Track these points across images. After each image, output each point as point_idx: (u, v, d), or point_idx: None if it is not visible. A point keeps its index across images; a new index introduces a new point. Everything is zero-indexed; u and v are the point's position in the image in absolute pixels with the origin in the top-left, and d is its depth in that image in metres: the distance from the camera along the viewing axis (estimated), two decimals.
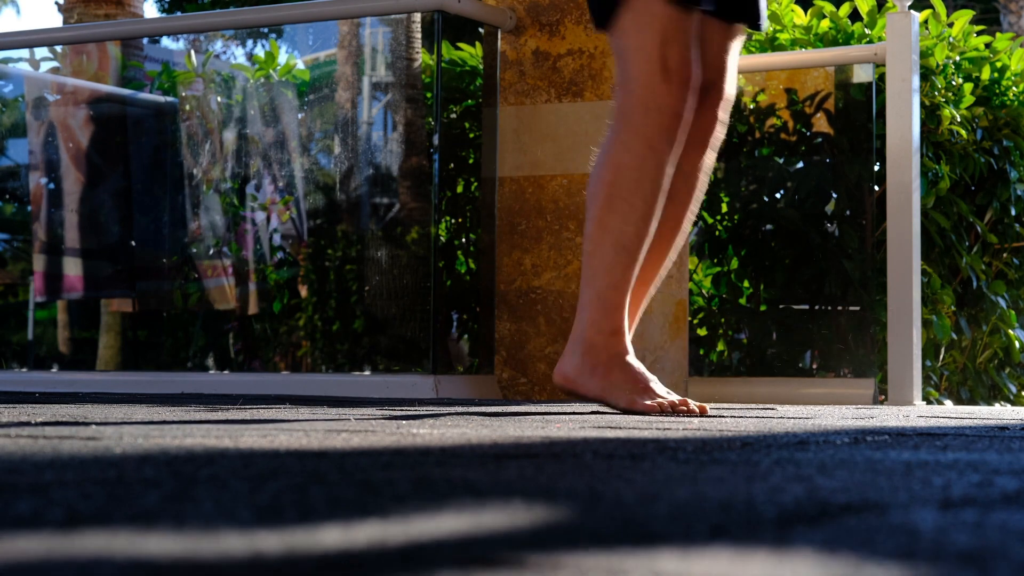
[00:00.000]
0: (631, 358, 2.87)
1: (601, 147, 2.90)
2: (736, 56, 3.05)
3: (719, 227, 4.96)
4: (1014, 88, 4.98)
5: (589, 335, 2.85)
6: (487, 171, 4.51)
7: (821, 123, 4.85)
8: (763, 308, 4.92)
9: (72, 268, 5.73)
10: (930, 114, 4.73)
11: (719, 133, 3.02)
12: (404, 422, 2.20)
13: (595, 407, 3.19)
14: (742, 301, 4.95)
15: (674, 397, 2.85)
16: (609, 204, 2.82)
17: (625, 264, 2.82)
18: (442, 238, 4.80)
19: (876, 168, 4.62)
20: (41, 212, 5.79)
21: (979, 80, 4.93)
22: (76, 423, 2.05)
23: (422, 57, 5.20)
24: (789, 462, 1.47)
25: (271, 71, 5.40)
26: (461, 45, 5.05)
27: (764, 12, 3.02)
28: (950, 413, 3.26)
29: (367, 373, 5.09)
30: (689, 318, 4.78)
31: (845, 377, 4.75)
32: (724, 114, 3.02)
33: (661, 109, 2.82)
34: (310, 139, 5.39)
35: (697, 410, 2.80)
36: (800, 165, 4.92)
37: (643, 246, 2.84)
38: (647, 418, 2.57)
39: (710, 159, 3.03)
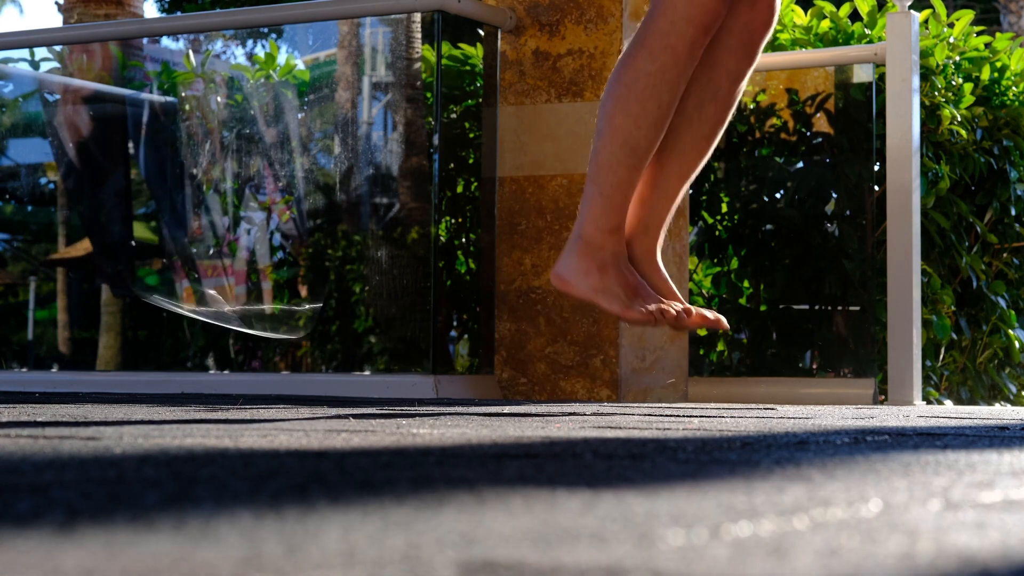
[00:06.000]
0: (626, 262, 2.83)
1: (627, 46, 2.87)
2: None
3: (719, 227, 4.96)
4: (1014, 88, 4.99)
5: (587, 231, 2.82)
6: (487, 171, 4.51)
7: (821, 123, 4.85)
8: (763, 308, 4.92)
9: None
10: (930, 114, 4.73)
11: (768, 34, 2.99)
12: (404, 422, 2.20)
13: (596, 408, 3.19)
14: (742, 301, 4.95)
15: (669, 304, 2.80)
16: (624, 105, 2.81)
17: (631, 165, 2.81)
18: (442, 238, 4.80)
19: (876, 168, 4.62)
20: (67, 208, 5.81)
21: (979, 80, 4.93)
22: (76, 423, 2.05)
23: (422, 56, 5.20)
24: (789, 462, 1.47)
25: (271, 71, 5.40)
26: (461, 45, 5.05)
27: None
28: (950, 413, 3.26)
29: (367, 373, 5.09)
30: None
31: (845, 377, 4.75)
32: (775, 14, 3.00)
33: (691, 20, 2.79)
34: (310, 139, 5.39)
35: (683, 314, 2.73)
36: (800, 165, 4.92)
37: (650, 151, 2.82)
38: (647, 418, 2.57)
39: (754, 65, 3.01)
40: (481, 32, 4.61)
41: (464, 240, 4.97)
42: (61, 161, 5.69)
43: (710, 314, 2.78)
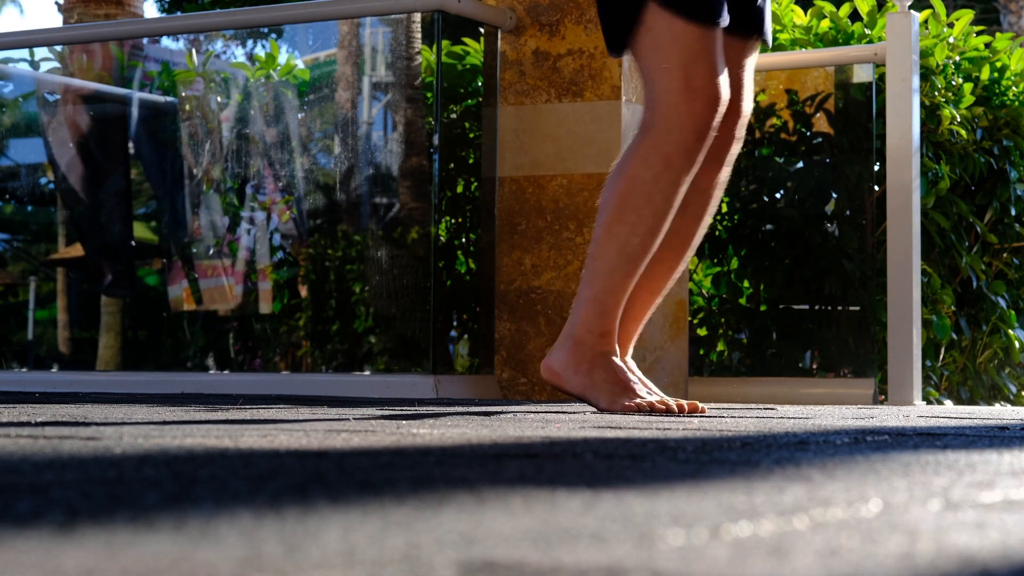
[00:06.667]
0: (616, 359, 2.92)
1: (621, 157, 2.93)
2: (752, 71, 3.07)
3: (719, 227, 4.96)
4: (1014, 88, 4.98)
5: (579, 333, 2.92)
6: (487, 171, 4.51)
7: (821, 123, 4.85)
8: (763, 308, 4.92)
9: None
10: (930, 114, 4.73)
11: (735, 150, 3.04)
12: (404, 422, 2.20)
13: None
14: (742, 301, 4.95)
15: (654, 397, 2.89)
16: (620, 213, 2.87)
17: (626, 272, 2.89)
18: (442, 238, 4.80)
19: (876, 168, 4.62)
20: (68, 208, 5.81)
21: (979, 80, 4.93)
22: (76, 423, 2.05)
23: (422, 56, 5.20)
24: (789, 462, 1.47)
25: (271, 71, 5.40)
26: (466, 40, 5.04)
27: (769, 27, 3.06)
28: (950, 413, 3.26)
29: (367, 373, 5.09)
30: (689, 318, 4.78)
31: (845, 377, 4.75)
32: (741, 131, 3.05)
33: (683, 127, 2.83)
34: (310, 139, 5.39)
35: (676, 408, 2.83)
36: (800, 165, 4.92)
37: (646, 258, 2.90)
38: (647, 418, 2.57)
39: (725, 174, 3.06)
40: (481, 32, 4.61)
41: (464, 240, 4.97)
42: (60, 162, 5.69)
43: (685, 404, 2.90)
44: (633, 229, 2.87)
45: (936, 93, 4.73)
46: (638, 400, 2.86)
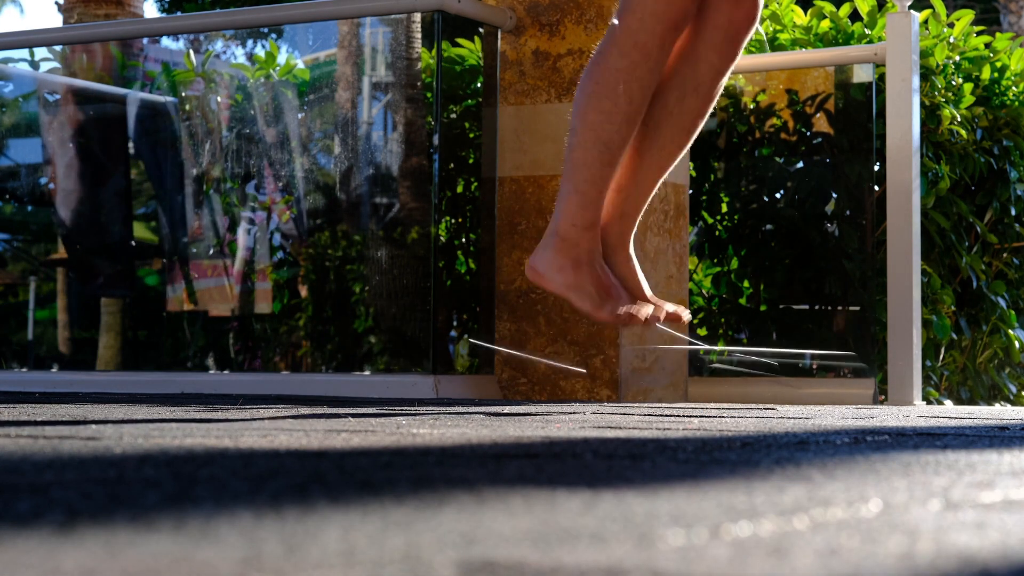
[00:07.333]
0: (600, 260, 2.87)
1: (599, 46, 2.93)
2: None
3: (719, 227, 4.96)
4: (1014, 88, 4.99)
5: (563, 228, 2.86)
6: (487, 171, 4.51)
7: (821, 123, 4.85)
8: (763, 308, 4.92)
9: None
10: (930, 114, 4.73)
11: (750, 34, 3.03)
12: (404, 422, 2.20)
13: (596, 407, 3.20)
14: (742, 301, 4.95)
15: (639, 307, 2.82)
16: (597, 102, 2.87)
17: (605, 161, 2.87)
18: (442, 238, 4.80)
19: (876, 168, 4.62)
20: (62, 209, 5.80)
21: (979, 80, 4.94)
22: (76, 423, 2.05)
23: (422, 57, 5.20)
24: (789, 462, 1.47)
25: (271, 71, 5.40)
26: (461, 41, 5.04)
27: None
28: (950, 413, 3.26)
29: (367, 373, 5.09)
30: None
31: (845, 377, 4.75)
32: (758, 15, 3.03)
33: (659, 18, 2.85)
34: (310, 139, 5.39)
35: (651, 313, 2.76)
36: (800, 165, 4.92)
37: (623, 147, 2.88)
38: (647, 418, 2.57)
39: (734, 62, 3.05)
40: (481, 32, 4.61)
41: (464, 240, 4.97)
42: (59, 162, 5.69)
43: (671, 307, 2.82)
44: (609, 118, 2.86)
45: (936, 93, 4.73)
46: (620, 309, 2.80)
